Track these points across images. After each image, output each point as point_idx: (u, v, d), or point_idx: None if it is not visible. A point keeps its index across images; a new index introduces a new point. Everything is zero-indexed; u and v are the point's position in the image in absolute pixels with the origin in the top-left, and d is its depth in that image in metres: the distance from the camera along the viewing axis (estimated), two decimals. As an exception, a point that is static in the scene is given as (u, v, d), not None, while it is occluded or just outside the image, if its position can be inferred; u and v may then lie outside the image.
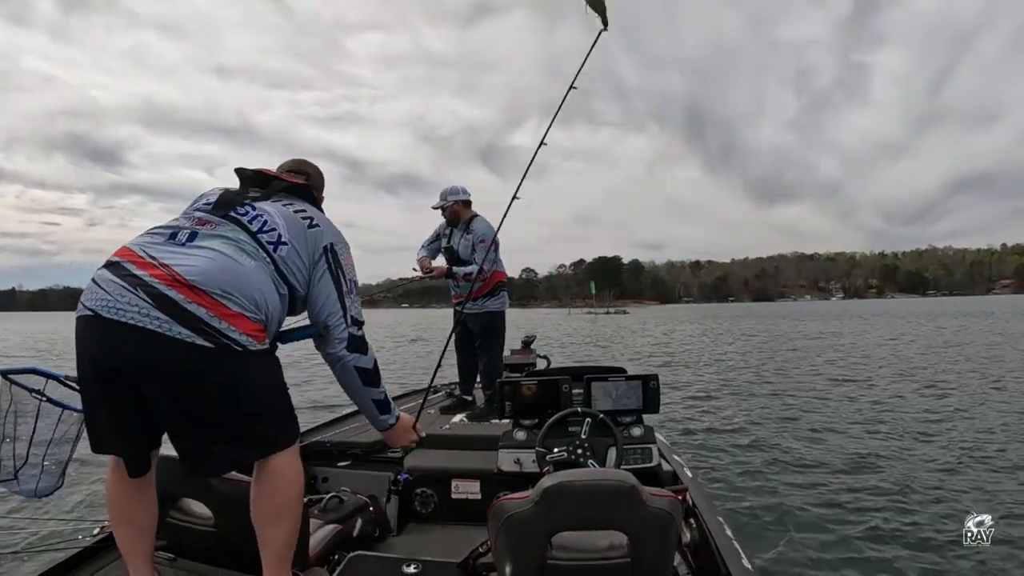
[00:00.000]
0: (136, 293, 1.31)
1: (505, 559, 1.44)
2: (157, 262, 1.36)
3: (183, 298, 1.32)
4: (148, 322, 1.30)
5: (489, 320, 3.80)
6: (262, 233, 1.51)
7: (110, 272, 1.36)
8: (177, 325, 1.30)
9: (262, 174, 1.70)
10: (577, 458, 2.14)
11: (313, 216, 1.63)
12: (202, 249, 1.41)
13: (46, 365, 2.26)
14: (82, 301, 1.37)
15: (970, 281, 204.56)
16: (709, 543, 1.88)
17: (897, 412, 6.94)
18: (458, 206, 3.76)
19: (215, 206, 1.54)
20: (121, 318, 1.30)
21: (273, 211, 1.56)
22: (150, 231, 1.50)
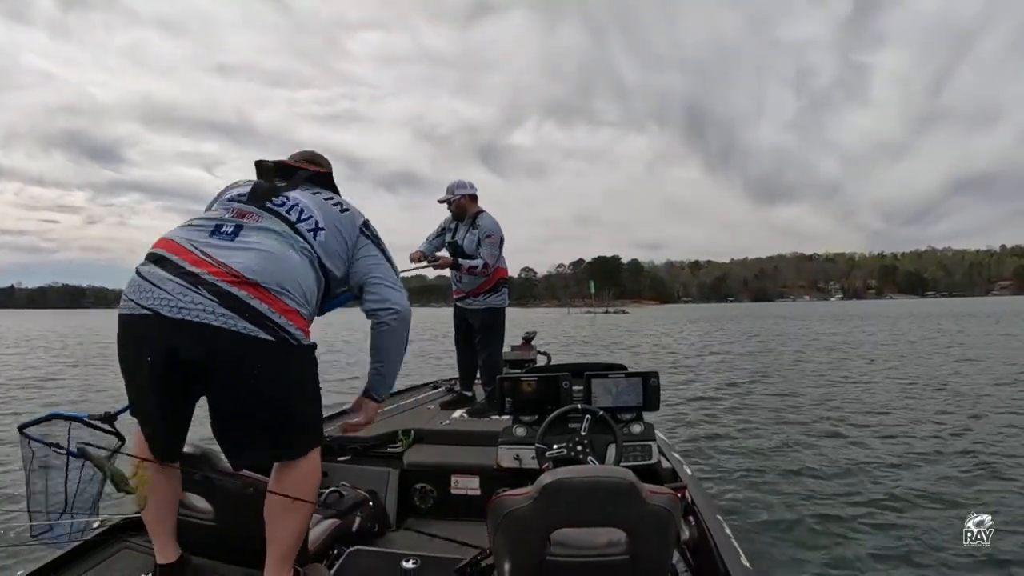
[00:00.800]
0: (198, 291, 1.34)
1: (504, 555, 1.44)
2: (212, 259, 1.39)
3: (246, 295, 1.37)
4: (214, 319, 1.33)
5: (490, 316, 3.79)
6: (301, 222, 1.55)
7: (163, 270, 1.38)
8: (242, 320, 1.35)
9: (283, 165, 1.72)
10: (577, 455, 2.14)
11: (341, 202, 1.68)
12: (252, 245, 1.44)
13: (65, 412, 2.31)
14: (133, 299, 1.38)
15: (969, 282, 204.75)
16: (708, 541, 1.88)
17: (897, 412, 6.95)
18: (465, 200, 3.74)
19: (251, 196, 1.57)
20: (186, 316, 1.33)
21: (305, 199, 1.60)
22: (191, 223, 1.51)
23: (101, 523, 2.05)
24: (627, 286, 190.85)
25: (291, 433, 1.50)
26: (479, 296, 3.77)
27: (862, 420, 6.60)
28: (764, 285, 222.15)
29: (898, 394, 8.29)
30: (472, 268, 3.65)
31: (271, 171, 1.69)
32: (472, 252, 3.71)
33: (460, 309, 3.89)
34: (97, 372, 13.04)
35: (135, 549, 1.83)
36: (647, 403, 2.37)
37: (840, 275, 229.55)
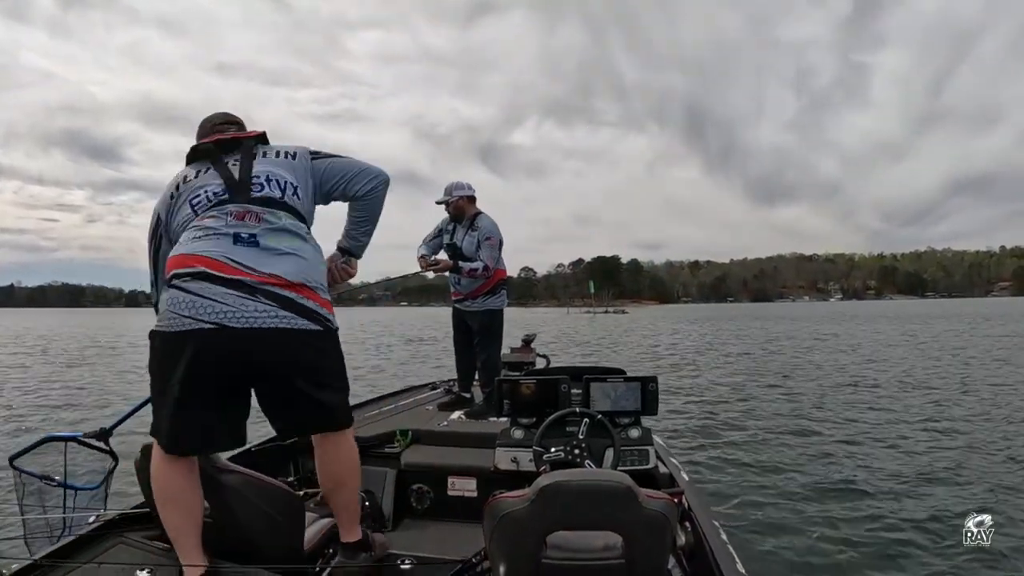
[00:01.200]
0: (257, 300, 1.51)
1: (500, 558, 1.44)
2: (255, 269, 1.54)
3: (296, 295, 1.56)
4: (279, 322, 1.53)
5: (489, 318, 3.78)
6: (284, 193, 1.68)
7: (215, 284, 1.50)
8: (300, 318, 1.56)
9: (223, 141, 1.76)
10: (574, 458, 2.15)
11: (286, 150, 1.78)
12: (280, 248, 1.59)
13: (61, 428, 2.38)
14: (191, 315, 1.49)
15: (969, 283, 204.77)
16: (704, 547, 1.88)
17: (897, 418, 6.92)
18: (463, 201, 3.72)
19: (232, 194, 1.64)
20: (254, 324, 1.50)
21: (269, 167, 1.71)
22: (206, 236, 1.58)
23: (96, 517, 2.07)
24: (627, 286, 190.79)
25: (341, 405, 1.73)
26: (478, 298, 3.76)
27: (861, 426, 6.58)
28: (764, 285, 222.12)
29: (897, 399, 8.27)
30: (472, 271, 3.64)
31: (214, 152, 1.73)
32: (471, 254, 3.69)
33: (459, 311, 3.88)
34: (89, 371, 13.05)
35: (131, 544, 1.82)
36: (645, 408, 2.37)
37: (840, 276, 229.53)
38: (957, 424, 6.52)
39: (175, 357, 1.51)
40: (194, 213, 1.64)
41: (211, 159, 1.72)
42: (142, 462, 1.80)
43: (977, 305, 74.27)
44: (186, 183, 1.69)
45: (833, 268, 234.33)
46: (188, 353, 1.50)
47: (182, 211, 1.66)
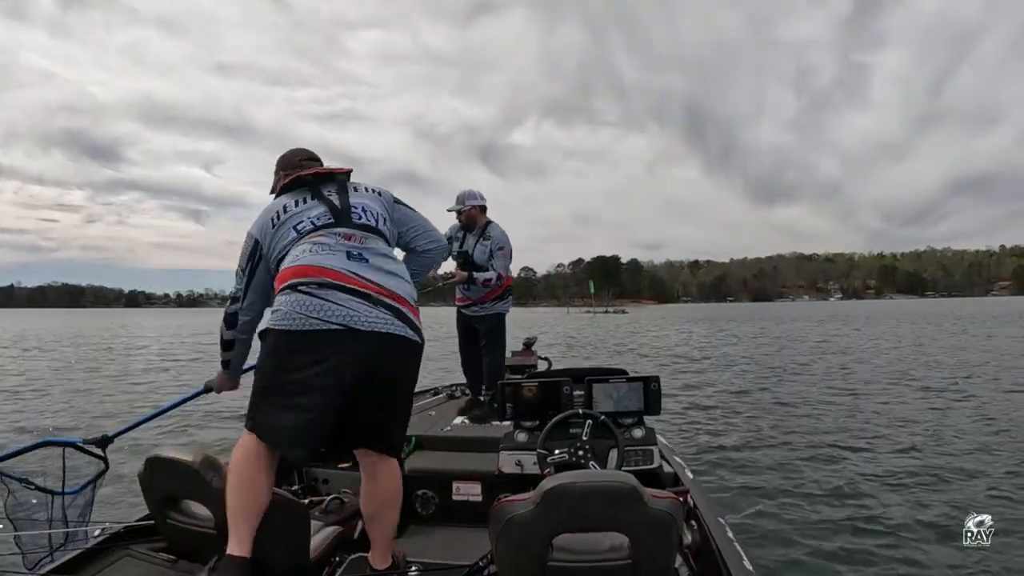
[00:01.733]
0: (378, 308, 1.65)
1: (506, 561, 1.45)
2: (373, 282, 1.69)
3: (404, 308, 1.71)
4: (396, 329, 1.67)
5: (497, 321, 3.82)
6: (378, 223, 1.86)
7: (341, 292, 1.63)
8: (408, 328, 1.71)
9: (321, 175, 1.92)
10: (578, 460, 2.15)
11: (370, 187, 1.97)
12: (387, 268, 1.76)
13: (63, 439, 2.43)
14: (318, 316, 1.60)
15: (969, 282, 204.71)
16: (710, 545, 1.88)
17: (902, 417, 6.91)
18: (475, 211, 3.73)
19: (337, 219, 1.79)
20: (376, 328, 1.63)
21: (363, 201, 1.89)
22: (321, 250, 1.71)
23: (102, 531, 2.06)
24: (626, 286, 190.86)
25: (402, 430, 1.89)
26: (486, 303, 3.79)
27: (866, 424, 6.58)
28: (763, 285, 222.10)
29: (901, 397, 8.27)
30: (487, 281, 3.67)
31: (315, 182, 1.89)
32: (483, 263, 3.71)
33: (465, 316, 3.89)
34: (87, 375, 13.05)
35: (136, 557, 1.82)
36: (648, 407, 2.38)
37: (839, 275, 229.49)
38: (961, 423, 6.53)
39: (298, 354, 1.61)
40: (299, 236, 1.76)
41: (311, 190, 1.86)
42: (146, 474, 1.80)
43: (977, 305, 74.25)
44: (287, 212, 1.80)
45: (833, 268, 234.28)
46: (311, 348, 1.60)
47: (285, 236, 1.77)
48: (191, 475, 1.70)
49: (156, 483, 1.82)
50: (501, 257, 3.69)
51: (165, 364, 15.25)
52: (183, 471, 1.71)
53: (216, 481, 1.70)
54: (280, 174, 2.04)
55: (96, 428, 5.73)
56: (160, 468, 1.78)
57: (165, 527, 1.85)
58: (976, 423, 6.53)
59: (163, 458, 1.78)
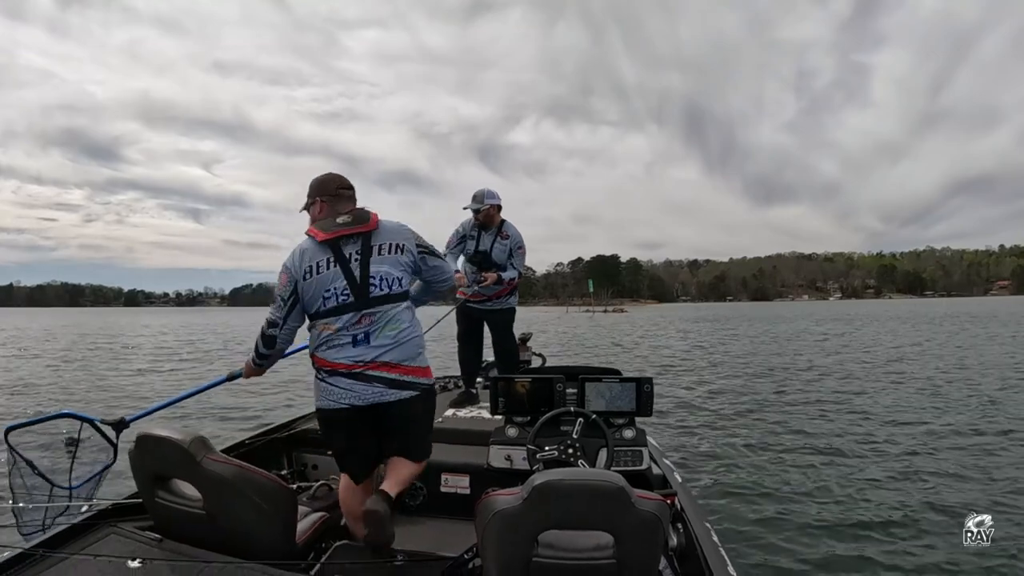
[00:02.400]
0: (371, 384, 2.09)
1: (491, 555, 1.45)
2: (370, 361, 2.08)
3: (399, 375, 2.12)
4: (387, 396, 2.10)
5: (509, 315, 4.01)
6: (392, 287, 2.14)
7: (345, 378, 2.09)
8: (403, 391, 2.12)
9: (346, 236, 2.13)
10: (568, 457, 2.16)
11: (392, 242, 2.18)
12: (388, 334, 2.12)
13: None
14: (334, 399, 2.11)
15: (968, 282, 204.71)
16: (695, 548, 1.89)
17: (892, 421, 6.91)
18: (493, 210, 3.81)
19: (356, 297, 2.10)
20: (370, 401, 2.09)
21: (381, 270, 2.13)
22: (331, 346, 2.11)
23: (89, 507, 2.07)
24: (625, 285, 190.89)
25: (424, 445, 2.28)
26: (499, 298, 3.91)
27: (855, 428, 6.57)
28: (763, 285, 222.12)
29: (892, 399, 8.28)
30: (511, 280, 3.83)
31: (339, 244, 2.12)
32: (502, 261, 3.81)
33: (473, 309, 3.94)
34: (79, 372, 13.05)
35: (123, 534, 1.82)
36: (640, 408, 2.38)
37: (839, 275, 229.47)
38: (954, 424, 6.54)
39: (334, 425, 2.16)
40: (324, 305, 2.10)
41: (334, 252, 2.11)
42: (136, 452, 1.81)
43: (977, 304, 74.27)
44: (318, 272, 2.10)
45: (832, 267, 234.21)
46: (340, 422, 2.14)
47: (316, 297, 2.11)
48: (181, 454, 1.70)
49: (146, 461, 1.82)
50: (520, 256, 3.85)
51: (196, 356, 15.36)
52: (174, 450, 1.71)
53: (206, 462, 1.70)
54: (317, 199, 2.24)
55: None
56: (150, 446, 1.78)
57: (153, 505, 1.85)
58: (969, 424, 6.54)
59: (154, 436, 1.78)
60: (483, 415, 3.29)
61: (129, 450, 1.83)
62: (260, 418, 6.91)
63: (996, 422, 6.59)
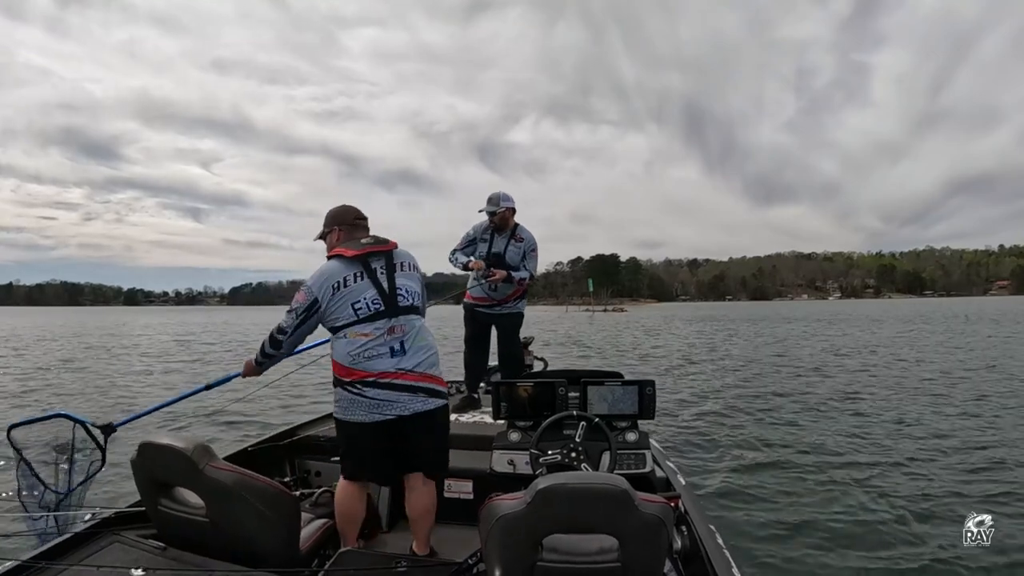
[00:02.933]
0: (417, 395, 2.16)
1: (495, 560, 1.44)
2: (411, 371, 2.16)
3: (433, 384, 2.21)
4: (429, 405, 2.19)
5: (518, 319, 4.02)
6: (414, 301, 2.26)
7: (383, 389, 2.13)
8: (437, 399, 2.22)
9: (373, 252, 2.25)
10: (571, 461, 2.16)
11: (410, 262, 2.34)
12: (420, 349, 2.21)
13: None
14: (379, 413, 2.13)
15: (967, 282, 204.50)
16: (700, 551, 1.89)
17: (895, 423, 6.88)
18: (508, 212, 3.83)
19: (387, 308, 2.19)
20: (417, 411, 2.16)
21: (405, 282, 2.26)
22: (373, 354, 2.14)
23: (92, 515, 2.07)
24: (625, 285, 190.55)
25: (443, 457, 2.36)
26: (509, 303, 3.91)
27: (858, 431, 6.53)
28: (762, 284, 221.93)
29: (895, 401, 8.25)
30: (522, 280, 3.83)
31: (367, 259, 2.24)
32: (515, 263, 3.82)
33: (482, 313, 3.95)
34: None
35: (125, 542, 1.81)
36: (643, 411, 2.39)
37: (838, 274, 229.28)
38: (956, 426, 6.53)
39: (366, 436, 2.16)
40: (356, 317, 2.16)
41: (363, 266, 2.22)
42: (138, 459, 1.80)
43: (976, 304, 74.10)
44: (346, 286, 2.18)
45: (832, 267, 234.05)
46: (372, 435, 2.16)
47: (343, 309, 2.17)
48: (184, 462, 1.69)
49: (149, 469, 1.82)
50: (533, 258, 3.87)
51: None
52: (176, 458, 1.71)
53: (209, 469, 1.69)
54: (334, 228, 2.36)
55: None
56: (153, 454, 1.78)
57: (156, 513, 1.84)
58: (972, 426, 6.53)
59: (156, 444, 1.77)
60: (486, 420, 3.29)
61: (132, 458, 1.83)
62: (262, 422, 6.91)
63: (999, 422, 6.59)
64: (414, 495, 2.26)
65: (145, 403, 8.40)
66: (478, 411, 3.59)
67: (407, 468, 2.27)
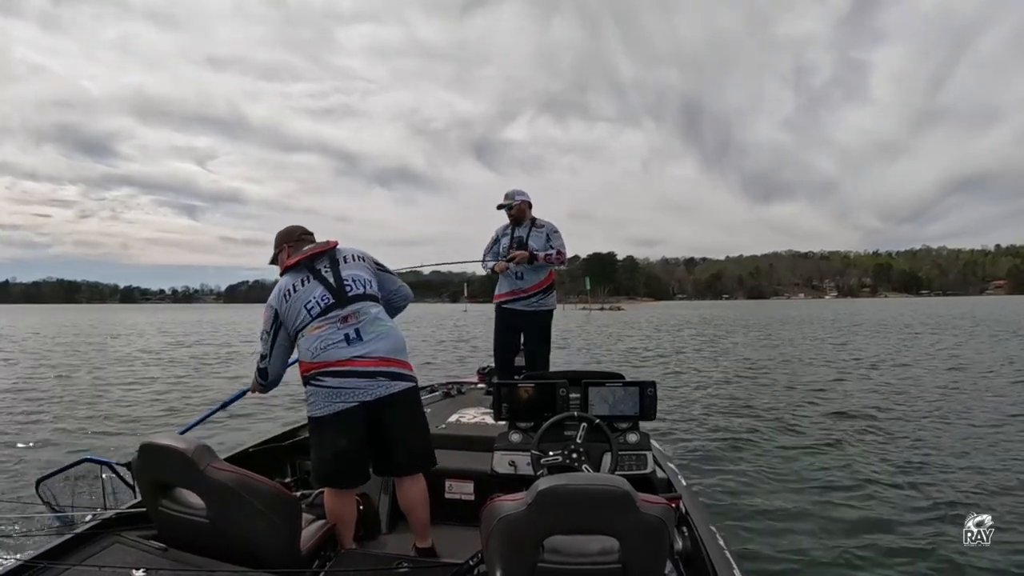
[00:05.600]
0: (376, 380, 2.19)
1: (496, 561, 1.44)
2: (368, 356, 2.19)
3: (394, 368, 2.24)
4: (392, 388, 2.21)
5: (548, 318, 4.05)
6: (366, 288, 2.33)
7: (348, 377, 2.16)
8: (401, 381, 2.24)
9: (315, 254, 2.34)
10: (572, 462, 2.16)
11: (354, 253, 2.42)
12: (378, 331, 2.25)
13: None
14: (341, 401, 2.15)
15: (963, 281, 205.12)
16: (701, 552, 1.89)
17: (898, 424, 6.89)
18: (524, 205, 3.93)
19: (337, 300, 2.25)
20: (380, 395, 2.19)
21: (352, 271, 2.35)
22: (329, 344, 2.19)
23: (92, 516, 2.07)
24: (622, 283, 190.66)
25: (428, 451, 2.37)
26: (535, 296, 3.93)
27: (861, 431, 6.54)
28: (759, 283, 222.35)
29: (896, 402, 8.25)
30: (548, 256, 3.86)
31: (311, 263, 2.32)
32: (540, 246, 3.91)
33: (509, 311, 3.97)
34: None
35: (126, 544, 1.80)
36: (644, 413, 2.38)
37: (835, 273, 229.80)
38: (959, 426, 6.56)
39: (336, 429, 2.16)
40: (310, 316, 2.23)
41: (309, 270, 2.30)
42: (139, 460, 1.81)
43: (972, 304, 74.21)
44: (295, 291, 2.27)
45: (828, 266, 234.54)
46: (344, 424, 2.16)
47: (299, 313, 2.25)
48: (184, 463, 1.69)
49: (149, 470, 1.82)
50: (558, 238, 3.93)
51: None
52: (177, 458, 1.71)
53: (209, 470, 1.69)
54: (284, 246, 2.44)
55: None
56: (153, 455, 1.78)
57: (157, 514, 1.84)
58: (976, 426, 6.56)
59: (157, 445, 1.78)
60: (487, 421, 3.30)
61: (132, 459, 1.84)
62: (261, 421, 6.90)
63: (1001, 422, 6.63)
64: (403, 490, 2.32)
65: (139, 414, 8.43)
66: (479, 412, 3.58)
67: (389, 468, 2.32)
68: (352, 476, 2.25)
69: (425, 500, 2.32)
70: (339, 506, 2.25)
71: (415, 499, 2.30)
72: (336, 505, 2.25)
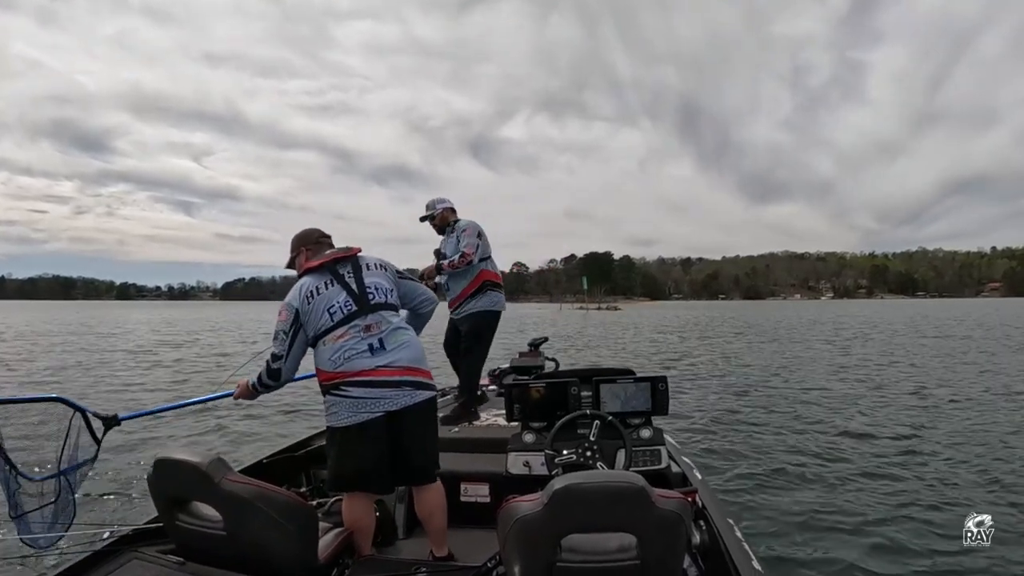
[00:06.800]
0: (402, 389, 2.18)
1: (514, 562, 1.45)
2: (393, 366, 2.19)
3: (418, 377, 2.24)
4: (417, 398, 2.21)
5: (476, 322, 3.71)
6: (388, 298, 2.32)
7: (372, 388, 2.15)
8: (425, 391, 2.25)
9: (338, 259, 2.33)
10: (586, 460, 2.17)
11: (377, 262, 2.42)
12: (401, 344, 2.25)
13: None
14: (367, 411, 2.14)
15: (959, 283, 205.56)
16: (719, 545, 1.89)
17: (910, 418, 6.91)
18: (446, 212, 3.80)
19: (360, 307, 2.24)
20: (405, 405, 2.18)
21: (374, 279, 2.33)
22: (353, 354, 2.17)
23: (110, 533, 2.06)
24: (619, 283, 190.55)
25: (435, 459, 2.35)
26: (464, 302, 3.72)
27: (874, 423, 6.57)
28: (755, 283, 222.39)
29: (914, 401, 8.25)
30: (451, 263, 3.61)
31: (334, 266, 2.31)
32: (452, 253, 3.68)
33: (452, 319, 3.89)
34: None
35: (145, 559, 1.81)
36: (656, 408, 2.40)
37: (831, 274, 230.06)
38: (975, 421, 6.59)
39: (359, 439, 2.14)
40: (332, 320, 2.20)
41: (331, 273, 2.28)
42: (154, 475, 1.80)
43: (968, 306, 74.35)
44: (319, 293, 2.24)
45: (824, 267, 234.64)
46: (368, 434, 2.15)
47: (320, 316, 2.21)
48: (200, 476, 1.69)
49: (165, 484, 1.82)
50: (465, 236, 3.63)
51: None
52: (192, 472, 1.71)
53: (224, 483, 1.69)
54: (302, 249, 2.42)
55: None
56: (169, 470, 1.78)
57: (174, 529, 1.84)
58: (991, 421, 6.60)
59: (171, 459, 1.78)
60: (499, 422, 3.28)
61: (148, 475, 1.83)
62: (274, 432, 6.85)
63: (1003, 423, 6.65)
64: (421, 497, 2.31)
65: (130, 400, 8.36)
66: (491, 414, 3.56)
67: (407, 476, 2.29)
68: (378, 485, 2.24)
69: (443, 507, 2.32)
70: (357, 513, 2.24)
71: (434, 506, 2.30)
72: (354, 512, 2.24)
